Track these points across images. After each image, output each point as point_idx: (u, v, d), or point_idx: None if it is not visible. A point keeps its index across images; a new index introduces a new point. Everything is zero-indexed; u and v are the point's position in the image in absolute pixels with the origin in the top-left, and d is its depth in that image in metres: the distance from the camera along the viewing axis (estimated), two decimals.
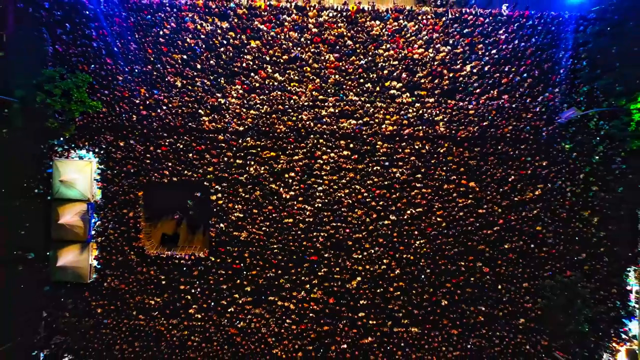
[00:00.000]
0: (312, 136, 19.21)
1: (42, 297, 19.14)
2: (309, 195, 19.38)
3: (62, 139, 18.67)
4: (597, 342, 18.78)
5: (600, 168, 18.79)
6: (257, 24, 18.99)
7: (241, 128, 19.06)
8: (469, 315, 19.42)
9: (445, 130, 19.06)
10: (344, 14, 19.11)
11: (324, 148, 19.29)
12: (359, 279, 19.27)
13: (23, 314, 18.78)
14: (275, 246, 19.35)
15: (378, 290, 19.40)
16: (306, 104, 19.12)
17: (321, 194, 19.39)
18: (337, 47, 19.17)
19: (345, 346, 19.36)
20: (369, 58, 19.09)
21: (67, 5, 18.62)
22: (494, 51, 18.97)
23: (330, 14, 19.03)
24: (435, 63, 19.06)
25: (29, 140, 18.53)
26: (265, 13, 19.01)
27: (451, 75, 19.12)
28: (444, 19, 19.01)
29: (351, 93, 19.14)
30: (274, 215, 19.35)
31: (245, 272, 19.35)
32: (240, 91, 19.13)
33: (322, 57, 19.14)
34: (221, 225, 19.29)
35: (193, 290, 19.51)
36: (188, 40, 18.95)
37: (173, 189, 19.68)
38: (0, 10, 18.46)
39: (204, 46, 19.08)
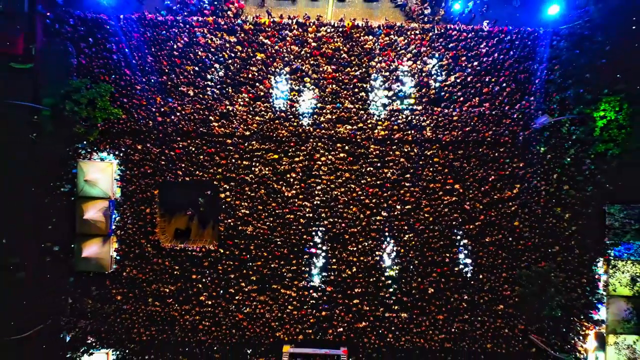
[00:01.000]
0: (311, 140, 20.78)
1: (67, 286, 20.65)
2: (309, 193, 21.01)
3: (85, 142, 20.14)
4: (569, 326, 20.25)
5: (571, 169, 20.29)
6: (261, 38, 20.61)
7: (247, 133, 20.71)
8: (453, 301, 21.06)
9: (431, 135, 20.68)
10: (340, 29, 20.65)
11: (322, 151, 20.96)
12: (354, 269, 20.83)
13: (51, 301, 20.37)
14: (278, 239, 21.03)
15: (371, 280, 20.99)
16: (306, 110, 20.72)
17: (320, 192, 21.01)
18: (334, 59, 20.68)
19: (341, 330, 20.98)
20: (363, 69, 20.59)
21: (90, 22, 20.26)
22: (475, 63, 20.58)
23: (328, 30, 20.61)
24: (423, 74, 20.56)
25: (56, 143, 20.03)
26: (269, 29, 20.59)
27: (437, 85, 20.66)
28: (430, 34, 20.48)
29: (347, 101, 20.65)
30: (277, 211, 21.04)
31: (250, 263, 20.92)
32: (247, 99, 20.70)
33: (321, 69, 20.64)
34: (229, 220, 20.86)
35: (204, 280, 21.21)
36: (199, 53, 20.61)
37: (186, 187, 21.42)
38: (31, 26, 20.20)
39: (213, 58, 20.69)
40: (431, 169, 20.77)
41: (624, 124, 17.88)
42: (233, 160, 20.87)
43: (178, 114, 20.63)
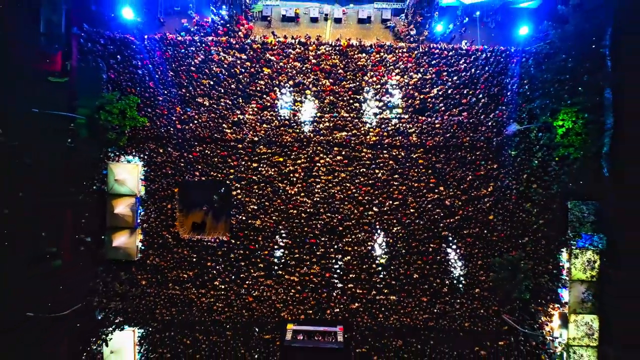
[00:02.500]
0: (311, 145, 22.81)
1: (99, 272, 22.63)
2: (309, 191, 22.96)
3: (115, 147, 22.17)
4: (536, 307, 22.07)
5: (538, 170, 21.99)
6: (268, 55, 22.58)
7: (256, 138, 22.70)
8: (436, 286, 22.81)
9: (417, 140, 22.61)
10: (337, 48, 22.60)
11: (321, 154, 22.89)
12: (349, 257, 22.90)
13: (84, 285, 22.39)
14: (282, 232, 22.92)
15: (364, 266, 22.90)
16: (307, 119, 22.79)
17: (319, 190, 22.94)
18: (332, 74, 22.64)
19: (337, 310, 22.84)
20: (357, 83, 22.63)
21: (118, 41, 22.25)
22: (455, 78, 22.47)
23: (326, 48, 22.57)
24: (409, 87, 22.54)
25: (89, 148, 22.07)
26: (275, 47, 22.56)
27: (421, 96, 22.57)
28: (416, 52, 22.46)
29: (343, 111, 22.69)
30: (281, 207, 22.96)
31: (259, 252, 22.97)
32: (255, 109, 22.70)
33: (320, 82, 22.62)
34: (240, 215, 22.84)
35: (217, 267, 22.99)
36: (214, 68, 22.52)
37: (202, 186, 23.24)
38: (67, 45, 22.28)
39: (226, 73, 22.62)
40: (416, 170, 22.68)
41: (579, 131, 19.94)
42: (243, 163, 22.82)
43: (195, 121, 22.60)
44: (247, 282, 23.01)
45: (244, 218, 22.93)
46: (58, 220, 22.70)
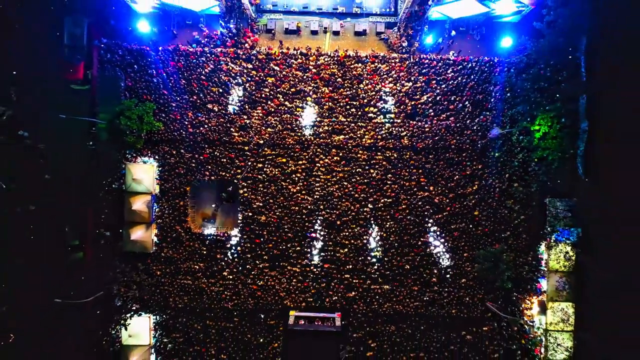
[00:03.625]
0: (312, 147, 24.26)
1: (117, 263, 24.00)
2: (310, 189, 24.35)
3: (132, 149, 23.69)
4: (517, 295, 23.43)
5: (519, 170, 23.32)
6: (272, 65, 23.87)
7: (261, 141, 24.09)
8: (426, 276, 24.20)
9: (408, 143, 24.01)
10: (335, 58, 23.85)
11: (320, 155, 24.25)
12: (346, 250, 24.40)
13: (104, 275, 23.79)
14: (285, 226, 24.25)
15: (359, 258, 24.25)
16: (307, 123, 24.32)
17: (318, 188, 24.31)
18: (331, 82, 23.95)
19: (335, 298, 24.21)
20: (353, 90, 24.03)
21: (135, 52, 23.54)
22: (443, 85, 23.80)
23: (325, 59, 23.82)
24: (401, 94, 23.94)
25: (109, 150, 23.57)
26: (279, 58, 23.84)
27: (412, 103, 23.96)
28: (407, 62, 23.78)
29: (340, 116, 24.10)
30: (284, 204, 24.30)
31: (263, 245, 24.39)
32: (260, 114, 24.10)
33: (319, 90, 23.95)
34: (246, 211, 24.31)
35: (226, 258, 24.26)
36: (222, 77, 23.82)
37: (211, 185, 24.73)
38: (89, 56, 23.66)
39: (234, 81, 23.88)
40: (408, 170, 24.10)
41: (555, 135, 21.32)
42: (249, 163, 24.25)
43: (205, 126, 24.03)
44: (252, 273, 24.28)
45: (250, 214, 24.39)
46: (80, 216, 24.00)
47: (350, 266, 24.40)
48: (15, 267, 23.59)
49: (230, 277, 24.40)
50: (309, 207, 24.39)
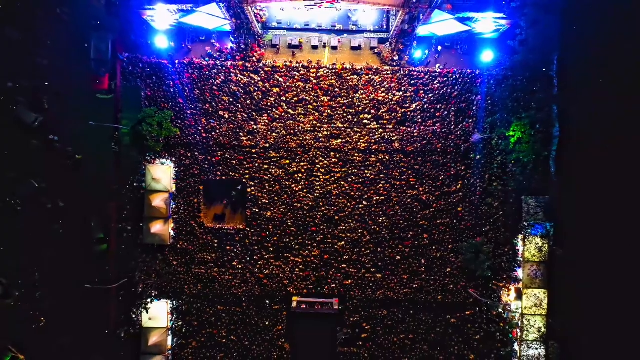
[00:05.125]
0: (312, 150, 26.11)
1: (138, 254, 25.85)
2: (311, 188, 26.13)
3: (152, 152, 25.55)
4: (496, 283, 25.24)
5: (498, 170, 25.20)
6: (277, 76, 25.80)
7: (267, 145, 25.96)
8: (414, 265, 25.93)
9: (399, 146, 25.85)
10: (334, 70, 25.77)
11: (320, 157, 26.08)
12: (343, 242, 26.23)
13: (128, 264, 25.78)
14: (289, 221, 26.03)
15: (355, 250, 26.03)
16: (309, 129, 26.24)
17: (318, 187, 26.08)
18: (329, 92, 25.81)
19: (333, 286, 26.02)
20: (350, 99, 25.90)
21: (154, 65, 25.57)
22: (430, 95, 25.69)
23: (325, 71, 25.75)
24: (392, 102, 25.78)
25: (131, 152, 25.52)
26: (283, 70, 25.74)
27: (402, 110, 25.86)
28: (398, 74, 25.67)
29: (338, 122, 25.95)
30: (287, 201, 26.13)
31: (269, 238, 26.19)
32: (266, 121, 25.95)
33: (319, 99, 25.82)
34: (254, 207, 26.12)
35: (235, 250, 26.08)
36: (232, 87, 25.72)
37: (222, 184, 26.48)
38: (112, 68, 25.56)
39: (242, 91, 25.78)
40: (398, 171, 25.99)
41: (527, 140, 23.18)
42: (256, 165, 26.07)
43: (217, 131, 25.95)
44: (259, 263, 26.21)
45: (257, 210, 26.24)
46: (105, 211, 26.03)
47: (347, 257, 26.34)
48: (47, 257, 25.94)
49: (239, 266, 26.33)
50: (309, 204, 26.31)
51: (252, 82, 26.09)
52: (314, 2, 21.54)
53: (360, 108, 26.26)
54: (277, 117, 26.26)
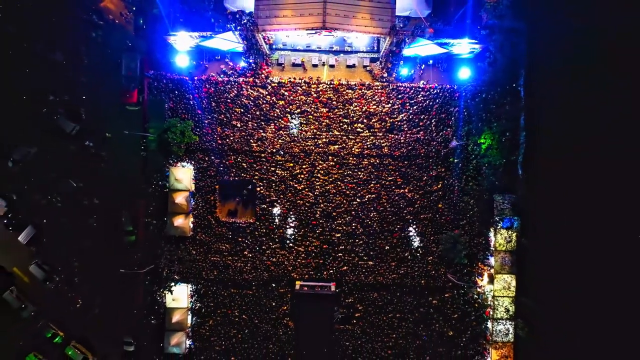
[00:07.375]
0: (313, 154, 28.88)
1: (162, 244, 28.52)
2: (311, 187, 28.85)
3: (174, 156, 28.38)
4: (471, 269, 28.03)
5: (474, 172, 27.83)
6: (282, 91, 28.46)
7: (274, 150, 28.73)
8: (401, 254, 28.64)
9: (387, 151, 28.57)
10: (331, 85, 28.47)
11: (320, 160, 28.79)
12: (339, 234, 29.08)
13: (153, 253, 28.58)
14: (292, 216, 28.77)
15: (350, 240, 28.71)
16: (310, 136, 29.13)
17: (318, 186, 28.74)
18: (327, 104, 28.52)
19: (331, 271, 28.67)
20: (345, 110, 28.65)
21: (176, 81, 28.29)
22: (415, 107, 28.42)
23: (324, 86, 28.46)
24: (382, 113, 28.45)
25: (157, 157, 28.27)
26: (287, 84, 28.45)
27: (391, 120, 28.55)
28: (387, 89, 28.38)
29: (335, 130, 28.67)
30: (291, 199, 28.82)
31: (276, 230, 28.95)
32: (273, 129, 28.67)
33: (319, 110, 28.57)
34: (262, 204, 28.87)
35: (246, 241, 28.72)
36: (244, 100, 28.42)
37: (235, 184, 29.13)
38: (141, 83, 28.35)
39: (252, 104, 28.47)
40: (387, 172, 28.69)
41: (496, 147, 26.14)
42: (265, 167, 28.77)
43: (230, 138, 28.65)
44: (267, 252, 28.96)
45: (265, 206, 29.09)
46: (134, 207, 28.98)
47: (343, 247, 29.17)
48: (83, 247, 29.07)
49: (250, 255, 29.13)
50: (310, 201, 29.09)
51: (261, 95, 28.80)
52: (314, 31, 24.80)
53: (354, 118, 29.02)
54: (283, 126, 29.03)
